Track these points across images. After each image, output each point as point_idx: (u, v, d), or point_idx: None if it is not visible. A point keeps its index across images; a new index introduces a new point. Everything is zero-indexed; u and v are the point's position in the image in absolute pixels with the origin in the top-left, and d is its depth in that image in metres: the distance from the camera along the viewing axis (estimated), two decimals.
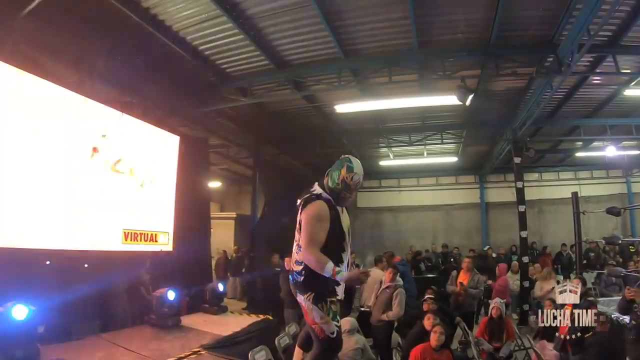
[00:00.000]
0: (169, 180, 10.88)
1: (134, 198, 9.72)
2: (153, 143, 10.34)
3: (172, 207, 10.88)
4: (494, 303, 8.77)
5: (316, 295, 4.18)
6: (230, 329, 9.04)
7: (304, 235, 4.15)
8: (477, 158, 21.12)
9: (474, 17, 9.49)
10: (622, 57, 10.87)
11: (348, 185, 4.36)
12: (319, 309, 4.16)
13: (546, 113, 15.11)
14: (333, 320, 4.21)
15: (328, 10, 8.92)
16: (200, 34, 9.69)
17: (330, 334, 4.19)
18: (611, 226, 19.71)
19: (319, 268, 3.98)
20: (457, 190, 23.38)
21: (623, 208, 9.20)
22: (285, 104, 13.56)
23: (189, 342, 8.24)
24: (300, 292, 4.30)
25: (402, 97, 12.20)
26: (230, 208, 23.21)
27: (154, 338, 8.42)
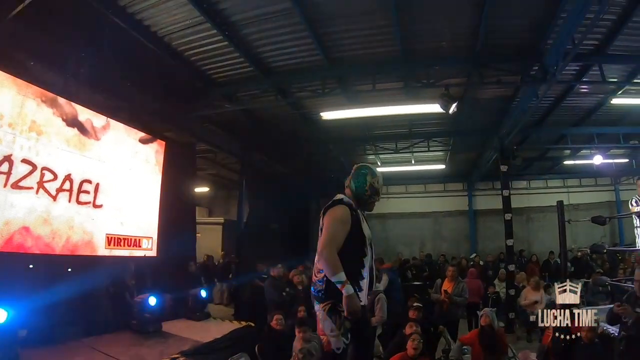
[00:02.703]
0: (154, 185, 10.82)
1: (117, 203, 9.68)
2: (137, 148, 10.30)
3: (156, 212, 10.82)
4: (483, 312, 8.63)
5: (332, 307, 4.02)
6: (211, 336, 9.05)
7: (323, 236, 4.06)
8: (465, 166, 21.19)
9: (458, 26, 9.50)
10: (609, 66, 10.94)
11: (376, 190, 4.40)
12: (332, 321, 4.01)
13: (533, 121, 15.17)
14: (343, 337, 4.03)
15: (312, 18, 8.90)
16: (185, 39, 9.64)
17: (336, 349, 4.04)
18: (600, 234, 19.84)
19: (330, 271, 3.87)
20: (446, 198, 23.44)
21: (608, 217, 9.17)
22: (272, 110, 13.47)
23: (168, 348, 8.25)
24: (318, 301, 4.15)
25: (388, 104, 12.15)
26: (219, 213, 23.21)
27: (134, 344, 8.45)
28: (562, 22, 8.75)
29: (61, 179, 8.47)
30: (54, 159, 8.37)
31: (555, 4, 8.60)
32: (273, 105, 12.62)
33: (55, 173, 8.36)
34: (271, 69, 11.02)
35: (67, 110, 8.67)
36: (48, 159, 8.27)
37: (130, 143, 10.27)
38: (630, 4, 8.67)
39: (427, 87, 10.81)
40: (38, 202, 8.06)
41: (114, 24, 8.41)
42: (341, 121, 13.57)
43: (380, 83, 10.93)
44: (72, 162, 8.74)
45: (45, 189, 8.20)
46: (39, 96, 8.15)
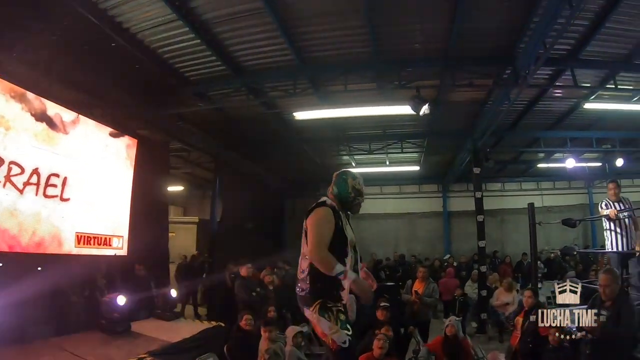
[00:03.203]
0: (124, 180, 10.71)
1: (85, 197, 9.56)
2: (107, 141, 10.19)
3: (127, 211, 10.72)
4: (448, 321, 8.51)
5: (321, 306, 3.99)
6: (180, 336, 8.98)
7: (311, 237, 4.00)
8: (439, 167, 21.26)
9: (431, 28, 9.54)
10: (582, 70, 11.08)
11: (358, 191, 4.44)
12: (327, 319, 3.96)
13: (507, 124, 15.30)
14: (343, 329, 3.97)
15: (283, 18, 8.87)
16: (157, 37, 9.54)
17: (342, 343, 3.96)
18: (572, 236, 20.03)
19: (328, 268, 3.84)
20: (420, 199, 23.51)
21: (579, 220, 9.27)
22: (245, 109, 13.38)
23: (136, 348, 8.19)
24: (307, 306, 4.08)
25: (360, 105, 12.18)
26: (193, 212, 23.05)
27: (102, 343, 8.39)
28: (534, 26, 8.85)
29: (28, 173, 8.36)
30: (22, 154, 8.27)
31: (527, 8, 8.66)
32: (245, 104, 12.61)
33: (23, 167, 8.25)
34: (243, 68, 10.97)
35: (36, 105, 8.56)
36: (16, 154, 8.17)
37: (100, 137, 10.14)
38: (603, 11, 8.78)
39: (399, 89, 10.84)
40: (5, 196, 7.96)
41: (87, 20, 8.26)
42: (315, 121, 13.57)
43: (352, 84, 10.93)
44: (39, 156, 8.63)
45: (12, 182, 8.10)
46: (8, 92, 8.05)
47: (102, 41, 8.98)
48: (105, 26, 8.66)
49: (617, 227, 7.93)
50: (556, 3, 7.62)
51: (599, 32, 9.48)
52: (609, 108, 13.52)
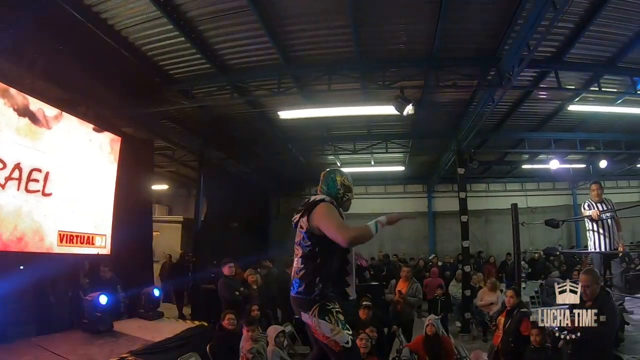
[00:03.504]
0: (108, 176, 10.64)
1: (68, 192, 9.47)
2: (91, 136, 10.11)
3: (110, 209, 10.64)
4: (428, 320, 8.49)
5: (321, 309, 3.96)
6: (163, 335, 8.90)
7: (330, 226, 3.92)
8: (424, 168, 21.38)
9: (415, 28, 9.57)
10: (566, 73, 11.18)
11: (348, 187, 4.46)
12: (327, 321, 3.92)
13: (491, 125, 15.43)
14: (344, 330, 3.97)
15: (268, 16, 8.87)
16: (142, 34, 9.49)
17: (345, 344, 3.94)
18: (557, 236, 20.25)
19: (366, 236, 3.83)
20: (405, 199, 23.55)
21: (562, 220, 9.32)
22: (230, 108, 13.40)
23: (118, 347, 8.11)
24: (304, 310, 4.04)
25: (344, 105, 12.18)
26: (179, 212, 22.94)
27: (84, 343, 8.29)
28: (518, 28, 8.89)
29: (10, 168, 8.19)
30: (4, 149, 8.11)
31: (512, 10, 8.74)
32: (230, 103, 12.59)
33: (5, 162, 8.09)
34: (228, 66, 10.94)
35: (19, 101, 8.42)
36: None
37: (84, 132, 9.99)
38: (587, 14, 8.89)
39: (383, 89, 10.84)
40: None
41: (71, 16, 8.21)
42: (299, 120, 13.53)
43: (336, 83, 10.91)
44: (22, 151, 8.47)
45: None
46: None
47: (86, 38, 8.90)
48: (90, 22, 8.61)
49: (600, 227, 8.01)
50: (540, 5, 7.64)
51: (583, 35, 9.59)
52: (593, 110, 13.67)
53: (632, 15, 9.03)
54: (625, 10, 8.85)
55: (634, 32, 9.67)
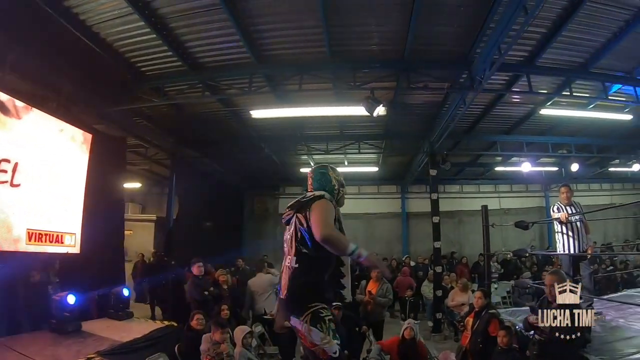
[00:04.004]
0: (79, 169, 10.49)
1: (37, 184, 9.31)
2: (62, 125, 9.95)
3: (80, 206, 10.49)
4: (406, 324, 8.34)
5: (313, 315, 3.82)
6: (132, 336, 8.78)
7: (318, 218, 3.81)
8: (398, 168, 21.49)
9: (387, 30, 9.60)
10: (538, 77, 11.36)
11: (341, 182, 4.37)
12: (319, 329, 3.80)
13: (464, 128, 15.63)
14: (334, 340, 3.86)
15: (239, 15, 8.82)
16: (114, 30, 9.35)
17: (333, 354, 3.84)
18: (529, 237, 20.47)
19: (341, 247, 3.68)
20: (379, 200, 23.61)
21: (531, 222, 9.43)
22: (203, 106, 13.29)
23: (86, 347, 7.98)
24: (296, 314, 3.89)
25: (316, 105, 12.16)
26: (152, 210, 22.79)
27: (51, 343, 8.16)
28: (490, 32, 8.98)
29: None
30: None
31: (484, 14, 8.80)
32: (202, 101, 12.46)
33: None
34: (200, 64, 10.86)
35: None
36: None
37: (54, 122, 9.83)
38: (560, 19, 9.01)
39: (354, 90, 10.86)
40: None
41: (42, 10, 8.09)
42: (272, 120, 13.49)
43: (308, 83, 10.93)
44: None
45: None
46: None
47: (58, 33, 8.80)
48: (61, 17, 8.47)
49: (569, 230, 8.07)
50: (511, 9, 7.72)
51: (556, 40, 9.73)
52: (565, 114, 13.83)
53: (604, 21, 9.21)
54: (598, 16, 9.01)
55: (606, 38, 9.85)
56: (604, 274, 14.07)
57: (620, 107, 13.36)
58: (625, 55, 10.64)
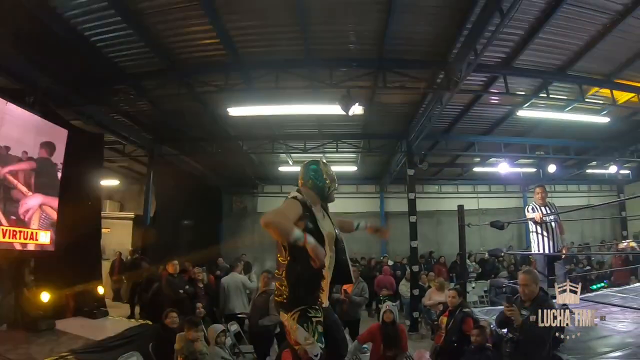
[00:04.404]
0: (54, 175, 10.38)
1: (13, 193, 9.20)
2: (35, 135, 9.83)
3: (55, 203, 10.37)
4: (385, 307, 8.30)
5: (302, 314, 3.79)
6: (106, 334, 8.76)
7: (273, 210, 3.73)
8: (377, 168, 21.50)
9: (365, 29, 9.62)
10: (515, 78, 11.46)
11: (332, 177, 4.24)
12: (305, 329, 3.76)
13: (442, 128, 15.71)
14: (318, 342, 3.78)
15: (216, 12, 8.79)
16: (91, 24, 9.20)
17: (314, 356, 3.77)
18: (507, 237, 20.63)
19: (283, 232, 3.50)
20: (358, 199, 23.53)
21: (507, 222, 9.48)
22: (181, 104, 13.09)
23: (59, 346, 8.00)
24: (285, 311, 3.90)
25: (292, 104, 12.12)
26: (131, 208, 22.49)
27: (25, 341, 8.16)
28: (467, 33, 9.06)
29: None
30: None
31: (462, 15, 8.86)
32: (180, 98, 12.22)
33: None
34: (177, 61, 10.76)
35: None
36: None
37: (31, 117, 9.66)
38: (537, 21, 9.09)
39: (331, 88, 10.86)
40: None
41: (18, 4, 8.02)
42: (250, 118, 13.47)
43: (285, 81, 10.90)
44: None
45: None
46: None
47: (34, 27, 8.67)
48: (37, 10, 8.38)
49: (544, 230, 8.12)
50: (488, 11, 7.79)
51: (533, 42, 9.81)
52: (542, 116, 13.97)
53: (582, 24, 9.32)
54: (576, 19, 9.11)
55: (584, 41, 9.97)
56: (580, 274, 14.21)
57: (597, 110, 13.52)
58: (603, 59, 10.78)
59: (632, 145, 17.86)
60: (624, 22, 8.96)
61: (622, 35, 9.55)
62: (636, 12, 8.66)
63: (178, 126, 15.17)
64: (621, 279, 14.13)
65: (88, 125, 12.49)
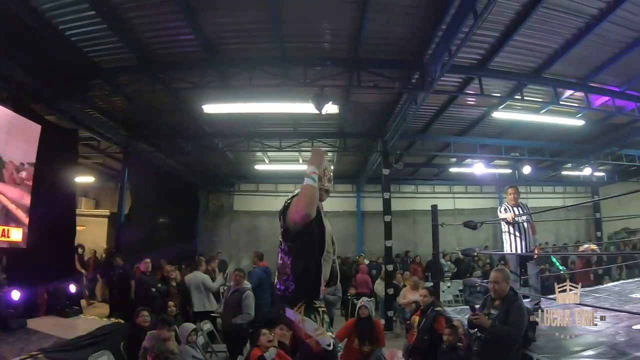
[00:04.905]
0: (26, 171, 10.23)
1: None
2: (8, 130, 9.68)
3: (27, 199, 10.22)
4: (360, 302, 8.33)
5: (308, 306, 3.72)
6: (77, 333, 8.63)
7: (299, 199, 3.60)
8: (353, 167, 21.52)
9: (339, 28, 9.64)
10: (491, 80, 11.56)
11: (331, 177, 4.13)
12: (313, 320, 3.69)
13: (418, 128, 15.79)
14: (328, 331, 3.74)
15: (192, 8, 8.74)
16: (65, 18, 9.10)
17: (327, 346, 3.70)
18: (483, 237, 20.85)
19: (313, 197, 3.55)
20: (334, 198, 23.37)
21: (480, 222, 9.53)
22: (156, 100, 12.99)
23: (29, 345, 7.84)
24: (290, 305, 3.79)
25: (267, 101, 12.14)
26: (106, 205, 22.32)
27: None
28: (442, 34, 9.12)
29: None
30: None
31: (436, 16, 8.90)
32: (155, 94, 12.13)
33: None
34: (152, 57, 10.67)
35: None
36: None
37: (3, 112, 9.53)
38: (513, 24, 9.17)
39: (305, 87, 10.84)
40: None
41: None
42: (225, 116, 13.39)
43: (259, 79, 10.84)
44: None
45: None
46: None
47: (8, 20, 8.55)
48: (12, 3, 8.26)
49: (516, 230, 8.20)
50: (462, 12, 7.85)
51: (508, 44, 9.89)
52: (517, 118, 14.14)
53: (557, 27, 9.42)
54: (551, 22, 9.21)
55: (559, 44, 10.09)
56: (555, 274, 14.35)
57: (572, 113, 13.69)
58: (578, 62, 10.93)
59: (607, 148, 18.10)
60: (599, 26, 9.05)
61: (597, 39, 9.70)
62: (611, 17, 8.78)
63: (154, 123, 15.08)
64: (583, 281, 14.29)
65: (62, 120, 12.34)
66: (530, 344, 6.13)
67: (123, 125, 15.21)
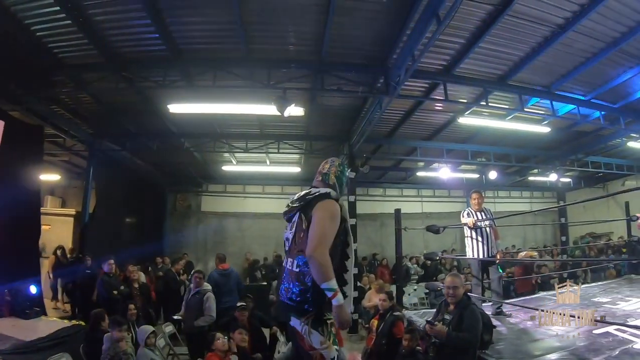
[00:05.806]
0: None
1: None
2: None
3: None
4: None
5: (316, 318, 3.67)
6: (37, 335, 8.52)
7: (317, 234, 3.60)
8: None
9: (304, 31, 9.62)
10: (457, 86, 11.66)
11: None
12: (320, 332, 3.66)
13: (385, 132, 15.88)
14: (334, 345, 3.70)
15: (155, 7, 8.65)
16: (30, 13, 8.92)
17: (331, 359, 3.69)
18: (451, 241, 21.09)
19: (322, 276, 3.46)
20: None
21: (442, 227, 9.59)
22: (122, 98, 12.78)
23: None
24: (296, 315, 3.72)
25: (231, 102, 12.04)
26: (73, 204, 21.92)
27: None
28: (406, 39, 9.19)
29: None
30: None
31: (400, 20, 8.95)
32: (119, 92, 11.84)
33: None
34: (116, 54, 10.48)
35: None
36: None
37: None
38: (478, 30, 9.28)
39: (269, 89, 10.80)
40: None
41: None
42: (191, 116, 13.27)
43: (223, 80, 10.80)
44: None
45: None
46: None
47: None
48: None
49: (479, 235, 8.31)
50: (425, 18, 7.93)
51: (473, 51, 10.00)
52: (483, 124, 14.28)
53: (522, 35, 9.54)
54: (516, 30, 9.34)
55: (524, 52, 10.23)
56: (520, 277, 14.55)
57: (538, 120, 13.90)
58: (543, 70, 11.13)
59: (573, 155, 18.45)
60: (564, 35, 9.20)
61: (562, 48, 9.87)
62: (577, 26, 8.93)
63: (120, 121, 14.88)
64: (524, 289, 14.45)
65: (26, 116, 12.15)
66: (488, 347, 6.18)
67: (88, 122, 14.97)
